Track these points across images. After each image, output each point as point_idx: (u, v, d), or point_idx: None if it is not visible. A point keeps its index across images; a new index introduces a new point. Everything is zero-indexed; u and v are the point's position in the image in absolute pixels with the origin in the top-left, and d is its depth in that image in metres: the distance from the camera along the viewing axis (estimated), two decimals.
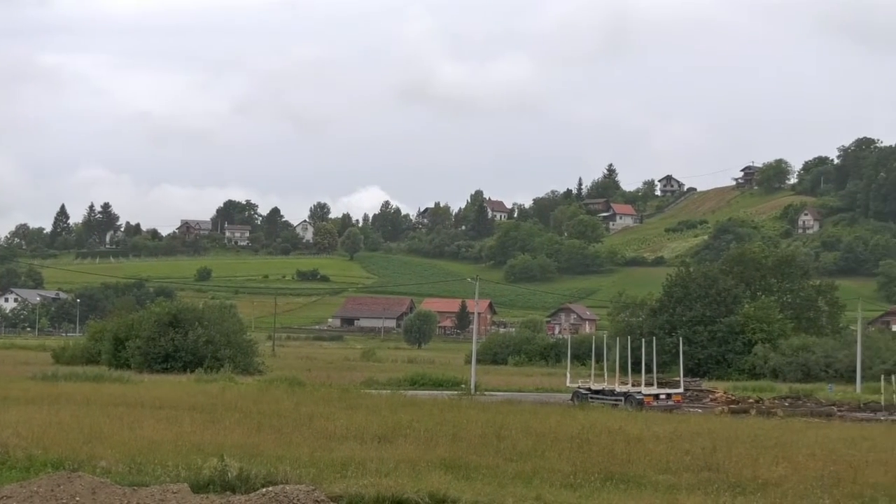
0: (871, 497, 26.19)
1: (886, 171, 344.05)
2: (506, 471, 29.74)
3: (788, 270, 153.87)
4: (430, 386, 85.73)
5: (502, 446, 35.28)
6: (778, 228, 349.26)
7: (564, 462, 31.41)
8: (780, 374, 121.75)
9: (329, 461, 30.06)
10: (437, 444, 35.12)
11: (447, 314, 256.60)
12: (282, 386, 67.82)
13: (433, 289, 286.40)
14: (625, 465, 31.18)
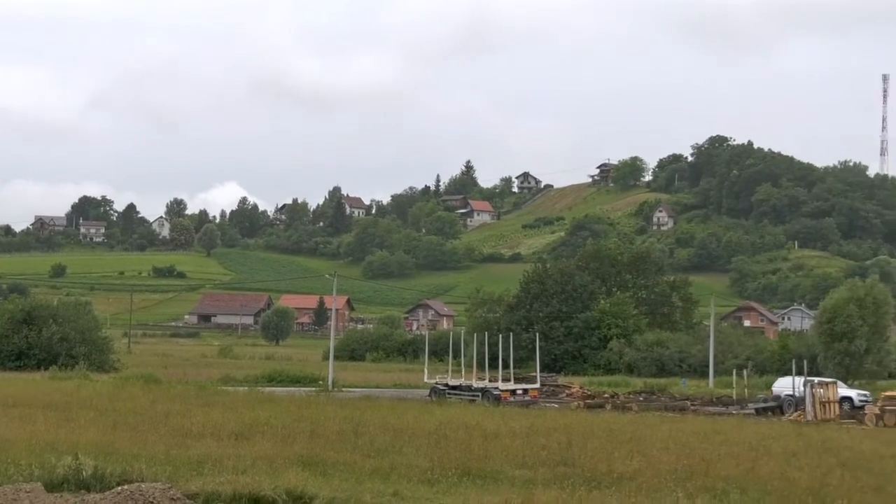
0: (723, 490, 26.64)
1: (739, 168, 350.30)
2: (363, 467, 29.72)
3: (643, 266, 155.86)
4: (288, 382, 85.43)
5: (360, 442, 35.25)
6: (633, 225, 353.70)
7: (422, 458, 31.47)
8: (635, 369, 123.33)
9: (185, 459, 29.78)
10: (295, 441, 34.99)
11: (305, 310, 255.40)
12: (138, 383, 67.04)
13: (291, 285, 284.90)
14: (482, 461, 31.32)
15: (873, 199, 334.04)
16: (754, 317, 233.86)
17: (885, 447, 40.19)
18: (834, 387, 64.42)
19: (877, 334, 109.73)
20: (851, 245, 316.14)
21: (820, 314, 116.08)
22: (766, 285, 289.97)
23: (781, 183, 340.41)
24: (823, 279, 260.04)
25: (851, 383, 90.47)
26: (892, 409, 58.40)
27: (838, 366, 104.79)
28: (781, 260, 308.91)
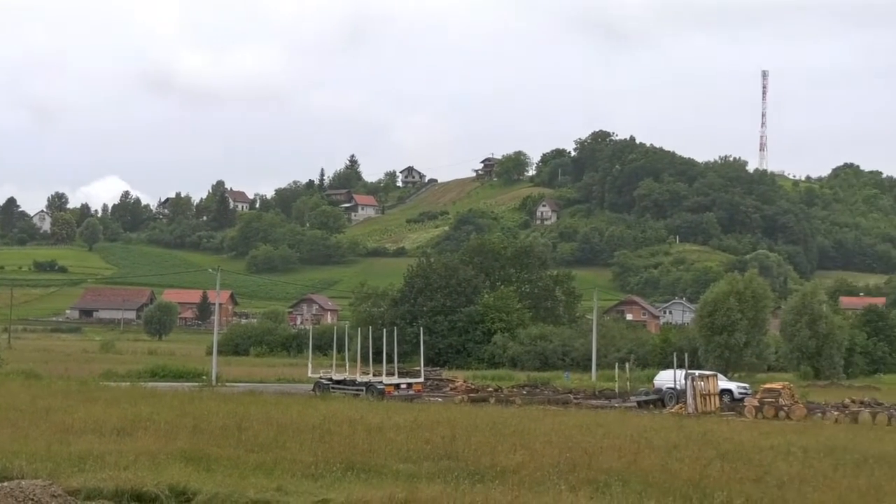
0: (605, 482, 26.87)
1: (621, 163, 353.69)
2: (247, 462, 29.56)
3: (527, 261, 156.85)
4: (171, 377, 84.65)
5: (244, 437, 35.04)
6: (517, 219, 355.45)
7: (306, 452, 31.38)
8: (518, 362, 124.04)
9: (67, 455, 29.39)
10: (178, 437, 34.70)
11: (188, 305, 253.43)
12: (18, 379, 66.09)
13: (174, 280, 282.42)
14: (366, 455, 31.30)
15: (753, 194, 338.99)
16: (636, 310, 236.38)
17: (764, 439, 40.84)
18: (714, 379, 65.28)
19: (756, 327, 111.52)
20: (731, 239, 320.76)
21: (700, 308, 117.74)
22: (647, 279, 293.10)
23: (663, 178, 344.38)
24: (704, 273, 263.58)
25: (731, 376, 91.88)
26: (771, 402, 59.38)
27: (718, 359, 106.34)
28: (663, 254, 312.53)
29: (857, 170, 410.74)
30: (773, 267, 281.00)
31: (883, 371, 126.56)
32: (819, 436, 43.21)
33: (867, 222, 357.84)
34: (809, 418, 55.31)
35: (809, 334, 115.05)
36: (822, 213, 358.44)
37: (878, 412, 55.40)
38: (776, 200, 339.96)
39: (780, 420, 55.29)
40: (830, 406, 59.71)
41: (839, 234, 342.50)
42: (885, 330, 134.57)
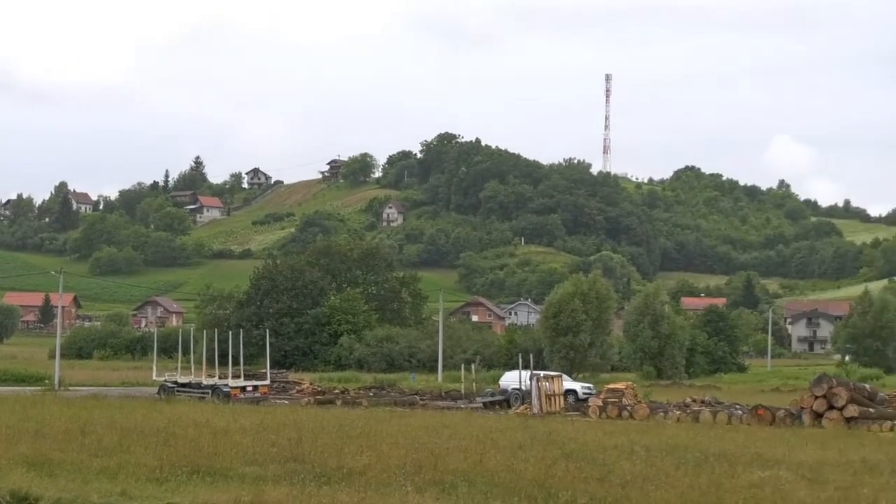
0: (452, 483, 27.00)
1: (467, 165, 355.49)
2: (90, 466, 29.13)
3: (373, 262, 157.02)
4: (13, 382, 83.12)
5: (87, 442, 34.51)
6: (363, 221, 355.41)
7: (150, 456, 31.03)
8: (365, 364, 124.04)
9: None
10: (20, 441, 34.05)
11: (30, 308, 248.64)
12: None
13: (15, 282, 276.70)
14: (211, 458, 31.05)
15: (597, 196, 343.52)
16: (482, 312, 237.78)
17: (608, 438, 41.36)
18: (559, 380, 65.96)
19: (600, 328, 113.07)
20: (576, 241, 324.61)
21: (545, 309, 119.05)
22: (493, 281, 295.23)
23: (508, 180, 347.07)
24: (549, 274, 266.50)
25: (576, 376, 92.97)
26: (615, 401, 60.19)
27: (563, 359, 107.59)
28: (508, 256, 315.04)
29: (698, 172, 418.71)
30: (616, 268, 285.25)
31: (723, 370, 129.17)
32: (661, 435, 43.89)
33: (708, 224, 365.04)
34: (652, 418, 56.13)
35: (652, 335, 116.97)
36: (665, 215, 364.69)
37: (719, 411, 56.49)
38: (619, 202, 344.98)
39: (624, 420, 56.06)
40: (672, 405, 60.66)
41: (681, 236, 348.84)
42: (726, 330, 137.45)
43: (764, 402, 61.35)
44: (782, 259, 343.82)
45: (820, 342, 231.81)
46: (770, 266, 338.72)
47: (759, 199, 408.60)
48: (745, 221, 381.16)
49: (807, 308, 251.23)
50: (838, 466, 32.94)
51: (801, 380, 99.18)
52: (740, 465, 32.72)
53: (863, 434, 47.77)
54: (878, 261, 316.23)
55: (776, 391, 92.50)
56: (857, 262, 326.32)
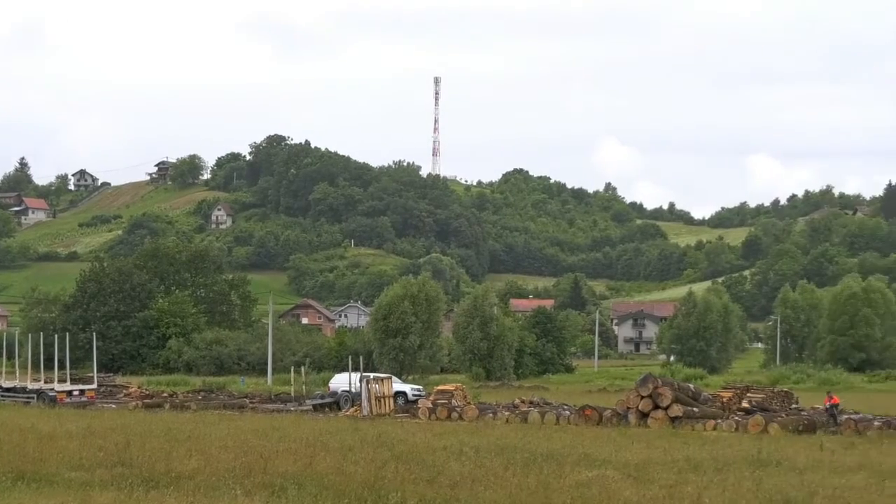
0: (281, 486, 26.95)
1: (297, 167, 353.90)
2: None
3: (202, 265, 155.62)
4: None
5: None
6: (192, 223, 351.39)
7: None
8: (194, 367, 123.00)
9: None
10: None
11: None
12: None
13: None
14: (37, 464, 30.53)
15: (426, 198, 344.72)
16: (312, 314, 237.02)
17: (438, 439, 41.62)
18: (389, 382, 66.16)
19: (429, 330, 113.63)
20: (405, 243, 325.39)
21: (375, 311, 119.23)
22: (323, 283, 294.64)
23: (338, 182, 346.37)
24: (379, 277, 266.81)
25: (406, 378, 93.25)
26: (444, 403, 60.56)
27: (393, 361, 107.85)
28: (338, 258, 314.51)
29: (527, 175, 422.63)
30: (446, 270, 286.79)
31: (551, 371, 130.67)
32: (490, 436, 44.31)
33: (536, 226, 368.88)
34: (481, 419, 56.59)
35: (481, 336, 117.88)
36: (493, 217, 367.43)
37: (547, 412, 57.18)
38: (449, 205, 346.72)
39: (453, 421, 56.42)
40: (501, 406, 61.21)
41: (509, 238, 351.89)
42: (554, 331, 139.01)
43: (591, 402, 62.28)
44: (609, 261, 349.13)
45: (646, 343, 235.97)
46: (597, 268, 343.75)
47: (586, 201, 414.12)
48: (573, 224, 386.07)
49: (633, 309, 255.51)
50: (663, 465, 33.62)
51: (628, 380, 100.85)
52: (568, 464, 33.19)
53: (687, 433, 48.79)
54: (702, 262, 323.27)
55: (603, 391, 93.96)
56: (682, 264, 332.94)
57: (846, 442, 44.22)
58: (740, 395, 61.56)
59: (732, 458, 35.72)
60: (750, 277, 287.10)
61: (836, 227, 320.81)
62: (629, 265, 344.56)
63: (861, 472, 32.55)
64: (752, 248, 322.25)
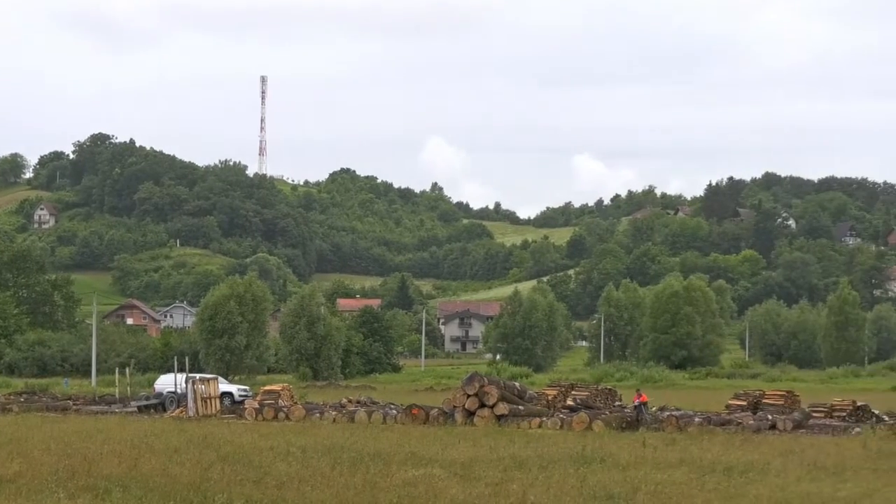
0: (105, 488, 26.63)
1: (121, 166, 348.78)
2: None
3: (24, 265, 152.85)
4: None
5: None
6: (14, 223, 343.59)
7: None
8: (16, 369, 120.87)
9: None
10: None
11: None
12: None
13: None
14: None
15: (253, 198, 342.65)
16: (137, 315, 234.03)
17: (264, 440, 41.49)
18: (215, 383, 65.61)
19: (256, 330, 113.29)
20: (232, 243, 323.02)
21: (201, 311, 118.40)
22: (148, 283, 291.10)
23: (164, 182, 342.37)
24: (205, 276, 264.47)
25: (232, 378, 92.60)
26: (271, 403, 60.34)
27: (220, 361, 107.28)
28: (164, 258, 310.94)
29: (354, 175, 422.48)
30: (272, 270, 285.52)
31: (378, 371, 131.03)
32: (317, 435, 44.30)
33: (363, 226, 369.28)
34: (308, 419, 56.49)
35: (308, 336, 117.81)
36: (321, 217, 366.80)
37: (374, 411, 57.32)
38: (276, 205, 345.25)
39: (280, 421, 56.25)
40: (328, 406, 61.18)
41: (336, 238, 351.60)
42: (381, 331, 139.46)
43: (418, 401, 62.57)
44: (436, 260, 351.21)
45: (472, 342, 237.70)
46: (424, 267, 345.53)
47: (413, 201, 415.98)
48: (400, 223, 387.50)
49: (459, 308, 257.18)
50: (489, 463, 33.96)
51: (454, 379, 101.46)
52: (395, 463, 33.36)
53: (513, 431, 49.29)
54: (528, 262, 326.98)
55: (430, 390, 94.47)
56: (508, 264, 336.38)
57: (668, 438, 45.11)
58: (565, 393, 62.40)
59: (557, 456, 36.20)
60: (574, 276, 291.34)
61: (658, 227, 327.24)
62: (456, 265, 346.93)
63: (682, 468, 33.26)
64: (577, 248, 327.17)
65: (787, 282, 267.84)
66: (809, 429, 52.01)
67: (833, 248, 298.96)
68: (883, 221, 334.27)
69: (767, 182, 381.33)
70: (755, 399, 59.79)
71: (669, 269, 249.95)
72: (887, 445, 40.75)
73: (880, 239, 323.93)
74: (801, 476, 31.45)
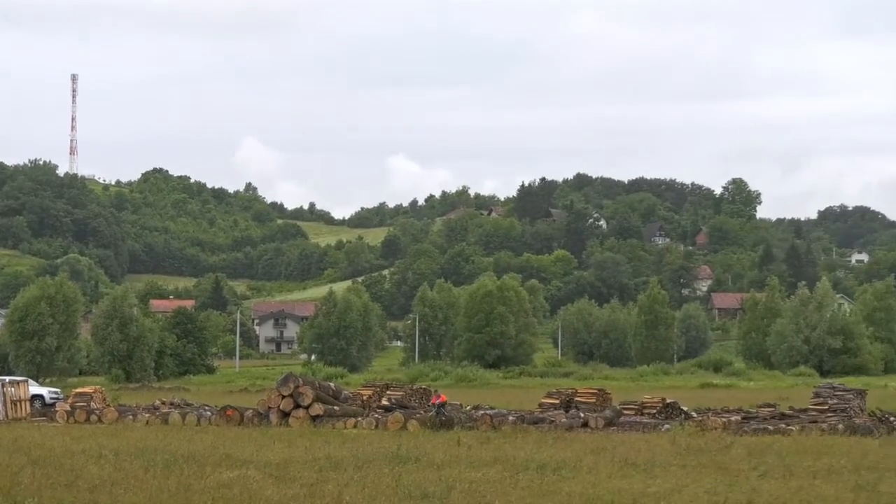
0: None
1: None
2: None
3: None
4: None
5: None
6: None
7: None
8: None
9: None
10: None
11: None
12: None
13: None
14: None
15: (63, 198, 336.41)
16: None
17: (76, 443, 40.89)
18: (25, 385, 64.31)
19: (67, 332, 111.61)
20: (42, 243, 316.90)
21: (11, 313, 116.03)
22: None
23: None
24: (14, 278, 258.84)
25: (43, 381, 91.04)
26: (83, 406, 59.40)
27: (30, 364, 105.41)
28: None
29: (167, 174, 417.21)
30: (84, 271, 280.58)
31: (193, 372, 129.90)
32: (130, 438, 43.81)
33: (176, 226, 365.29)
34: (121, 421, 55.80)
35: (121, 337, 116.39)
36: (133, 217, 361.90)
37: (188, 413, 56.86)
38: (87, 205, 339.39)
39: (92, 424, 55.44)
40: (141, 408, 60.51)
41: (149, 238, 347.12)
42: (195, 332, 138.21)
43: (233, 402, 62.32)
44: (250, 261, 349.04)
45: (287, 342, 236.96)
46: (238, 268, 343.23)
47: (227, 201, 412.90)
48: (214, 224, 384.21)
49: (274, 309, 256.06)
50: (304, 464, 34.00)
51: (269, 380, 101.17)
52: (209, 465, 33.18)
53: (328, 431, 49.36)
54: (342, 262, 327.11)
55: (245, 391, 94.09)
56: (322, 264, 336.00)
57: (482, 437, 45.60)
58: (380, 393, 62.62)
59: (373, 455, 36.37)
60: (389, 276, 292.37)
61: (472, 227, 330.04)
62: (270, 265, 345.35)
63: (496, 466, 33.65)
64: (392, 248, 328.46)
65: (599, 281, 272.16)
66: (620, 426, 52.96)
67: (643, 248, 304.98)
68: (691, 222, 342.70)
69: (579, 183, 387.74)
70: (568, 397, 60.64)
71: (483, 269, 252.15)
72: (695, 441, 41.73)
73: (688, 239, 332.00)
74: (613, 472, 32.09)
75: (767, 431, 47.70)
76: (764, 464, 34.16)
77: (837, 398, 55.30)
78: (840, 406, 54.02)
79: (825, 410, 53.50)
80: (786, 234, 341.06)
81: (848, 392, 57.05)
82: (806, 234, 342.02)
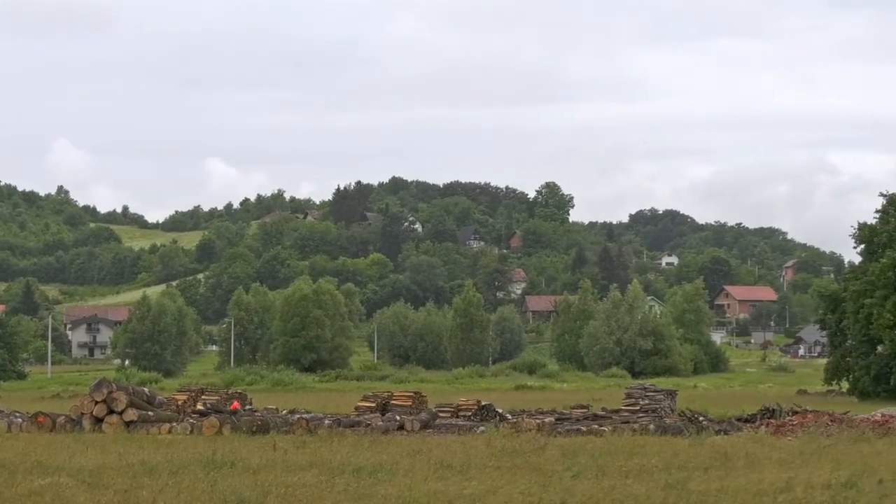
0: None
1: None
2: None
3: None
4: None
5: None
6: None
7: None
8: None
9: None
10: None
11: None
12: None
13: None
14: None
15: None
16: None
17: None
18: None
19: None
20: None
21: None
22: None
23: None
24: None
25: None
26: None
27: None
28: None
29: None
30: None
31: (3, 378, 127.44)
32: None
33: None
34: None
35: None
36: None
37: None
38: None
39: None
40: None
41: None
42: (6, 337, 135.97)
43: (45, 408, 61.24)
44: (62, 265, 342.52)
45: (100, 347, 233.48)
46: (50, 272, 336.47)
47: (38, 204, 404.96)
48: (25, 227, 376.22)
49: (87, 314, 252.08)
50: (118, 470, 33.66)
51: (82, 385, 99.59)
52: (20, 473, 32.63)
53: (142, 437, 48.88)
54: (157, 266, 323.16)
55: (57, 398, 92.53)
56: (136, 268, 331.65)
57: (298, 441, 45.59)
58: (195, 398, 62.20)
59: (188, 461, 36.15)
60: (204, 280, 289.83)
61: (287, 231, 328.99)
62: (83, 269, 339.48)
63: (312, 470, 33.74)
64: (207, 252, 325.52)
65: (414, 284, 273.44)
66: (436, 428, 53.37)
67: (458, 251, 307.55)
68: (505, 225, 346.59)
69: (394, 186, 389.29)
70: (384, 400, 60.97)
71: (299, 273, 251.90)
72: (510, 443, 42.30)
73: (503, 242, 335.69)
74: (429, 475, 32.39)
75: (580, 432, 48.54)
76: (577, 464, 34.78)
77: (648, 399, 56.71)
78: (651, 406, 55.37)
79: (637, 411, 54.76)
80: (598, 237, 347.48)
81: (659, 393, 58.56)
82: (618, 237, 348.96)
